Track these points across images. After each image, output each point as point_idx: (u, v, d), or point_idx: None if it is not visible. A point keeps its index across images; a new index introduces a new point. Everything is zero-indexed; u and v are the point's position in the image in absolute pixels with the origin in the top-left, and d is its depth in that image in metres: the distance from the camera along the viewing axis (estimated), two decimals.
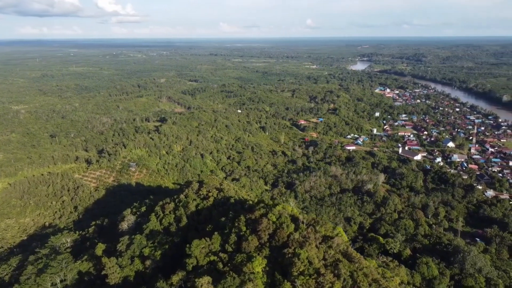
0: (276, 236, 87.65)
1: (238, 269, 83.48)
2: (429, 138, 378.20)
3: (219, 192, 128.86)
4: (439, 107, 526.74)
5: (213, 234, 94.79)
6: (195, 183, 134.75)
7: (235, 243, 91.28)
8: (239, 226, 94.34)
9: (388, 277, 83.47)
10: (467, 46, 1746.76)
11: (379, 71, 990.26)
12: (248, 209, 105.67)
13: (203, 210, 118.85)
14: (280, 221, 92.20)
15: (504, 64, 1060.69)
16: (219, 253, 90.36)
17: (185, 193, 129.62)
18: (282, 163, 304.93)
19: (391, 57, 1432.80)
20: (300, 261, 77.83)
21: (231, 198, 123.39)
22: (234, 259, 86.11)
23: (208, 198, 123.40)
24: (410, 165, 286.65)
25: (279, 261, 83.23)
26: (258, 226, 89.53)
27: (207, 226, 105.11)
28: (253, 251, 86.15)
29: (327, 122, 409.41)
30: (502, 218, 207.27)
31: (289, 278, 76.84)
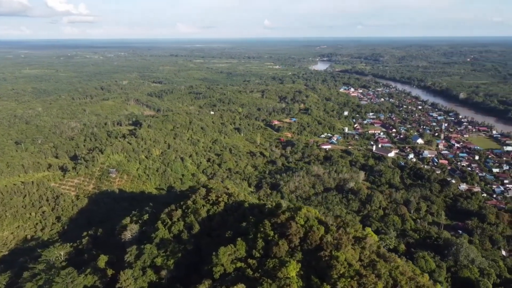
0: (308, 240, 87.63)
1: (270, 275, 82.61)
2: (399, 135, 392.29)
3: (229, 197, 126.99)
4: (403, 105, 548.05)
5: (237, 240, 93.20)
6: (202, 189, 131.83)
7: (263, 249, 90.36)
8: (265, 231, 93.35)
9: (418, 274, 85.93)
10: (420, 46, 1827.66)
11: (340, 71, 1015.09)
12: (269, 213, 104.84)
13: (215, 216, 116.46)
14: (308, 224, 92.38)
15: (455, 63, 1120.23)
16: (247, 259, 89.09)
17: (192, 199, 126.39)
18: (262, 164, 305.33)
19: (350, 57, 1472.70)
20: (340, 263, 78.35)
21: (244, 202, 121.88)
22: (265, 265, 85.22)
23: (219, 203, 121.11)
24: (386, 162, 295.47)
25: (312, 265, 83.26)
26: (288, 230, 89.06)
27: (227, 232, 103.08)
28: (285, 256, 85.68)
29: (300, 122, 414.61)
30: (478, 210, 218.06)
31: (328, 281, 77.07)
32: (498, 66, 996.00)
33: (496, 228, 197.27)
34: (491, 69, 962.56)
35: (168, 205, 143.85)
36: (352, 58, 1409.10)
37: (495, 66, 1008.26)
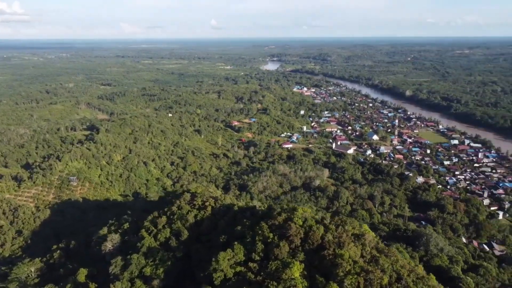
0: (309, 240, 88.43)
1: (274, 277, 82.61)
2: (355, 132, 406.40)
3: (216, 201, 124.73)
4: (355, 103, 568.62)
5: (235, 244, 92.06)
6: (186, 194, 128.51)
7: (263, 251, 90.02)
8: (263, 233, 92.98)
9: (414, 266, 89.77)
10: (363, 46, 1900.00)
11: (291, 71, 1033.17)
12: (264, 215, 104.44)
13: (203, 221, 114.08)
14: (307, 224, 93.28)
15: (397, 62, 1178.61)
16: (249, 263, 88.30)
17: (177, 205, 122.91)
18: (226, 165, 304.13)
19: (299, 57, 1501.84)
20: (345, 261, 79.95)
21: (233, 206, 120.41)
22: (268, 267, 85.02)
23: (206, 208, 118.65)
24: (346, 159, 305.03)
25: (315, 264, 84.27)
26: (288, 231, 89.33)
27: (220, 237, 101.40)
28: (286, 257, 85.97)
29: (260, 122, 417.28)
30: (437, 201, 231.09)
31: (334, 279, 78.41)
32: (436, 65, 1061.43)
33: (455, 217, 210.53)
34: (430, 67, 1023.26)
35: (147, 212, 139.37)
36: (301, 58, 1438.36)
37: (433, 64, 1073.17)
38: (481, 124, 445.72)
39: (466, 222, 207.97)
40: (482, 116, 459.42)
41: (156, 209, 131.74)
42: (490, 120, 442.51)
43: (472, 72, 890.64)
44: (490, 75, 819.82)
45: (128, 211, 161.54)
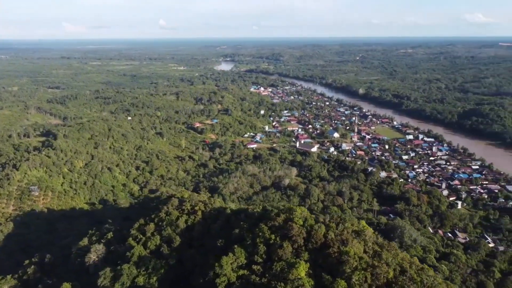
0: (312, 239, 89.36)
1: (280, 278, 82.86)
2: (316, 131, 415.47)
3: (205, 205, 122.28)
4: (312, 102, 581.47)
5: (235, 248, 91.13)
6: (174, 199, 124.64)
7: (265, 253, 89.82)
8: (264, 235, 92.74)
9: (411, 258, 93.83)
10: (314, 46, 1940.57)
11: (246, 71, 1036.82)
12: (260, 217, 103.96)
13: (195, 226, 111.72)
14: (308, 224, 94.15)
15: (347, 62, 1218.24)
16: (252, 266, 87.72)
17: (165, 211, 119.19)
18: (193, 168, 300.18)
19: (251, 57, 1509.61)
20: (351, 257, 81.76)
21: (225, 209, 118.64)
22: (273, 269, 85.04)
23: (196, 212, 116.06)
24: (312, 157, 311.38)
25: (319, 263, 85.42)
26: (290, 232, 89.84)
27: (218, 241, 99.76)
28: (290, 257, 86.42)
29: (222, 123, 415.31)
30: (401, 194, 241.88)
31: (341, 276, 80.00)
32: (384, 64, 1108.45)
33: (420, 209, 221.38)
34: (378, 66, 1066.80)
35: (129, 220, 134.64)
36: (254, 58, 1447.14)
37: (381, 63, 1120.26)
38: (431, 119, 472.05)
39: (430, 213, 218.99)
40: (431, 112, 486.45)
41: (140, 216, 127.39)
42: (439, 116, 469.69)
43: (417, 70, 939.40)
44: (433, 73, 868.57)
45: (109, 219, 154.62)
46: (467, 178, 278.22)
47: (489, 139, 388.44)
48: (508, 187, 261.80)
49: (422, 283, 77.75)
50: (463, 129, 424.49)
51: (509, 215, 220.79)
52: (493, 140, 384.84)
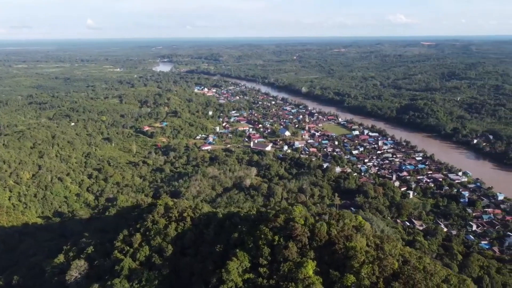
0: (316, 237, 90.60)
1: (288, 278, 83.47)
2: (266, 130, 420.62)
3: (194, 211, 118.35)
4: (258, 102, 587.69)
5: (238, 252, 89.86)
6: (160, 207, 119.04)
7: (270, 254, 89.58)
8: (266, 236, 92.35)
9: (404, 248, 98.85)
10: (251, 46, 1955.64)
11: (187, 72, 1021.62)
12: (258, 219, 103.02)
13: (186, 232, 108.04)
14: (309, 222, 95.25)
15: (286, 61, 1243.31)
16: (258, 269, 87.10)
17: (151, 220, 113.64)
18: (148, 173, 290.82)
19: (190, 57, 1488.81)
20: (359, 252, 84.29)
21: (216, 213, 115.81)
22: (280, 270, 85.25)
23: (185, 219, 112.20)
24: (268, 156, 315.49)
25: (325, 260, 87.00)
26: (294, 231, 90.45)
27: (217, 247, 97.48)
28: (296, 257, 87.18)
29: (172, 125, 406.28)
30: (358, 187, 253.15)
31: (349, 271, 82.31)
32: (321, 63, 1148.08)
33: (379, 201, 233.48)
34: (316, 65, 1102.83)
35: (106, 232, 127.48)
36: (193, 59, 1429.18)
37: (318, 62, 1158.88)
38: (372, 115, 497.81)
39: (387, 204, 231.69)
40: (372, 108, 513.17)
41: (119, 227, 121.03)
42: (379, 111, 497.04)
43: (352, 68, 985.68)
44: (367, 71, 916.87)
45: (74, 233, 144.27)
46: (414, 169, 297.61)
47: (426, 131, 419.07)
48: (450, 175, 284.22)
49: (425, 271, 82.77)
50: (402, 123, 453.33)
51: (455, 201, 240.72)
52: (430, 132, 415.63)
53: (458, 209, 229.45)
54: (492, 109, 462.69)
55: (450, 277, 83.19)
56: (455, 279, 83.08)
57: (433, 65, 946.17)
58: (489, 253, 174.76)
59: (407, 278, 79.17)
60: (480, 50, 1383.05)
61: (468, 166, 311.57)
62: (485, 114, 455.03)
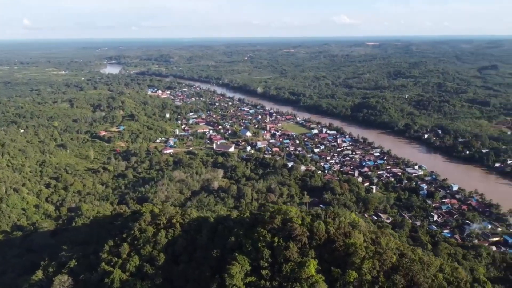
0: (315, 236, 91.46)
1: (291, 278, 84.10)
2: (227, 131, 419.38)
3: (183, 216, 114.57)
4: (215, 103, 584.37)
5: (238, 256, 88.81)
6: (147, 214, 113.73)
7: (270, 256, 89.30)
8: (265, 239, 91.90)
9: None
10: (201, 47, 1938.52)
11: (137, 73, 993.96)
12: (253, 221, 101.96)
13: (176, 239, 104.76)
14: (306, 222, 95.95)
15: (238, 62, 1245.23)
16: (260, 271, 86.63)
17: (138, 228, 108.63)
18: (110, 179, 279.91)
19: (139, 59, 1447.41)
20: (359, 248, 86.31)
21: (207, 218, 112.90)
22: (283, 271, 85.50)
23: (174, 225, 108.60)
24: (232, 157, 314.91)
25: (325, 258, 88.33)
26: (293, 232, 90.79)
27: (213, 252, 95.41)
28: (297, 257, 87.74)
29: (130, 129, 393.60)
30: (324, 185, 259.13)
31: (350, 267, 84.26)
32: (272, 63, 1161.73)
33: (346, 197, 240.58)
34: (268, 65, 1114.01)
35: (86, 244, 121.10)
36: (142, 60, 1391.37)
37: (270, 63, 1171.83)
38: (328, 113, 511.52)
39: (354, 199, 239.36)
40: (327, 107, 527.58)
41: (101, 238, 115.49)
42: (335, 110, 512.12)
43: (304, 68, 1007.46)
44: (318, 71, 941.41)
45: (43, 247, 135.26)
46: (374, 164, 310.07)
47: (380, 128, 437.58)
48: (407, 169, 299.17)
49: (422, 262, 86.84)
50: (357, 121, 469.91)
51: (415, 194, 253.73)
52: (384, 129, 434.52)
53: (419, 201, 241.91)
54: (438, 106, 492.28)
55: (444, 266, 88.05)
56: (448, 268, 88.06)
57: (379, 64, 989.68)
58: (453, 241, 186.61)
59: (406, 270, 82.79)
60: (420, 49, 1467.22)
61: (422, 159, 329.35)
62: (432, 110, 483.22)
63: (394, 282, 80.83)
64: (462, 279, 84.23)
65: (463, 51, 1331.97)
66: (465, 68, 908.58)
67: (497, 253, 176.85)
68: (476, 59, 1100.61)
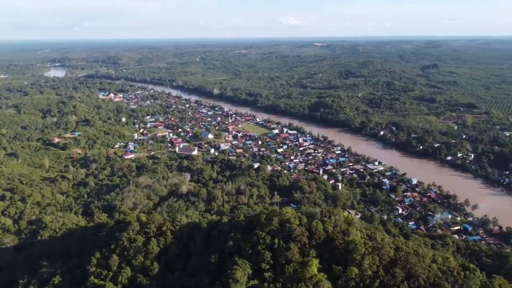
0: (315, 235, 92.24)
1: (294, 279, 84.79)
2: (188, 134, 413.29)
3: (173, 223, 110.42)
4: (172, 106, 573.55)
5: (239, 260, 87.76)
6: (135, 224, 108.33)
7: (271, 258, 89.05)
8: (265, 241, 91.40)
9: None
10: (150, 48, 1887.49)
11: (85, 76, 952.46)
12: (250, 224, 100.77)
13: (169, 247, 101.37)
14: (304, 222, 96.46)
15: (190, 63, 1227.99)
16: (263, 274, 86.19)
17: (127, 238, 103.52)
18: (71, 188, 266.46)
19: (85, 61, 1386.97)
20: (359, 245, 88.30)
21: (198, 224, 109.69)
22: (285, 272, 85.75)
23: (165, 233, 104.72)
24: (197, 160, 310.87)
25: (325, 257, 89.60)
26: (293, 233, 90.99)
27: (212, 257, 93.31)
28: (298, 257, 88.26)
29: (86, 135, 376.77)
30: (292, 184, 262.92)
31: (351, 264, 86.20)
32: (225, 64, 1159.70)
33: (315, 195, 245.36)
34: (221, 67, 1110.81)
35: (69, 257, 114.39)
36: (89, 63, 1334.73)
37: (223, 64, 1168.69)
38: (286, 113, 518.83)
39: (323, 197, 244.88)
40: (285, 107, 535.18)
41: (88, 250, 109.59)
42: (292, 110, 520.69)
43: (257, 69, 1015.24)
44: (272, 71, 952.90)
45: (45, 264, 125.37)
46: (336, 162, 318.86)
47: (338, 127, 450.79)
48: (368, 165, 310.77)
49: (417, 254, 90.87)
50: (315, 120, 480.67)
51: (379, 189, 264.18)
52: (341, 127, 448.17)
53: (383, 195, 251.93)
54: (389, 103, 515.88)
55: (436, 257, 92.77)
56: (440, 258, 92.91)
57: (330, 64, 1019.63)
58: (421, 232, 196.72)
59: (404, 263, 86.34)
60: (366, 50, 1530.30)
61: (380, 156, 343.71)
62: (384, 108, 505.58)
63: (394, 275, 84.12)
64: (454, 268, 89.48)
65: (405, 51, 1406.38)
66: (409, 67, 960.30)
67: (460, 241, 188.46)
68: (418, 59, 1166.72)
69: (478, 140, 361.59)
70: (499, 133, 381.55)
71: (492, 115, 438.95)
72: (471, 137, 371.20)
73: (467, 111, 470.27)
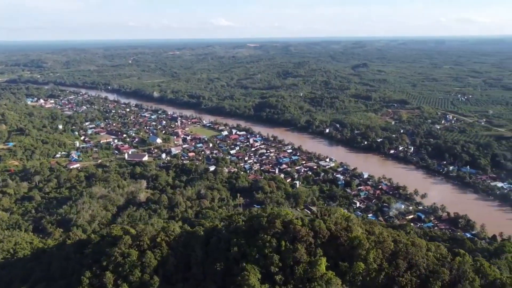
0: (320, 234, 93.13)
1: (305, 279, 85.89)
2: (134, 139, 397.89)
3: (167, 233, 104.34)
4: (111, 110, 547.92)
5: (247, 265, 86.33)
6: (126, 237, 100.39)
7: (280, 261, 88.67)
8: (271, 244, 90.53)
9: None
10: (76, 50, 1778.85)
11: (8, 82, 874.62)
12: (249, 229, 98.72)
13: (167, 258, 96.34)
14: (306, 222, 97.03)
15: (123, 66, 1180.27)
16: (271, 277, 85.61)
17: (119, 253, 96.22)
18: (13, 204, 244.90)
19: (3, 65, 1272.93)
20: (363, 240, 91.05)
21: (194, 232, 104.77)
22: (296, 273, 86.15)
23: (160, 245, 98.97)
24: (150, 166, 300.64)
25: (331, 254, 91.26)
26: (299, 233, 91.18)
27: (217, 265, 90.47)
28: (306, 257, 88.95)
29: (22, 145, 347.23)
30: (251, 185, 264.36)
31: (357, 259, 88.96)
32: (161, 66, 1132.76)
33: (276, 194, 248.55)
34: (156, 69, 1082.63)
35: (52, 279, 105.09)
36: (9, 67, 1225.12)
37: (158, 66, 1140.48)
38: (231, 115, 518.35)
39: (284, 196, 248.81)
40: (230, 108, 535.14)
41: (72, 270, 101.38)
42: (238, 111, 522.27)
43: (195, 71, 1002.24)
44: (210, 73, 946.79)
45: None
46: (290, 161, 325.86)
47: (285, 126, 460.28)
48: (320, 162, 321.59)
49: (414, 245, 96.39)
50: (261, 120, 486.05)
51: (334, 185, 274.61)
52: (288, 126, 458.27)
53: (339, 191, 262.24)
54: (330, 102, 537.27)
55: (430, 246, 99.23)
56: (433, 247, 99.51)
57: (267, 65, 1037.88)
58: (382, 223, 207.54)
59: (405, 254, 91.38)
60: (298, 50, 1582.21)
61: (328, 152, 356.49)
62: (326, 106, 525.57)
63: (397, 266, 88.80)
64: (447, 254, 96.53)
65: (335, 51, 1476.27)
66: (341, 66, 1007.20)
67: (417, 228, 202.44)
68: (348, 58, 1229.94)
69: (415, 133, 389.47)
70: (431, 126, 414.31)
71: (423, 110, 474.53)
72: (408, 131, 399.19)
73: (401, 107, 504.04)
